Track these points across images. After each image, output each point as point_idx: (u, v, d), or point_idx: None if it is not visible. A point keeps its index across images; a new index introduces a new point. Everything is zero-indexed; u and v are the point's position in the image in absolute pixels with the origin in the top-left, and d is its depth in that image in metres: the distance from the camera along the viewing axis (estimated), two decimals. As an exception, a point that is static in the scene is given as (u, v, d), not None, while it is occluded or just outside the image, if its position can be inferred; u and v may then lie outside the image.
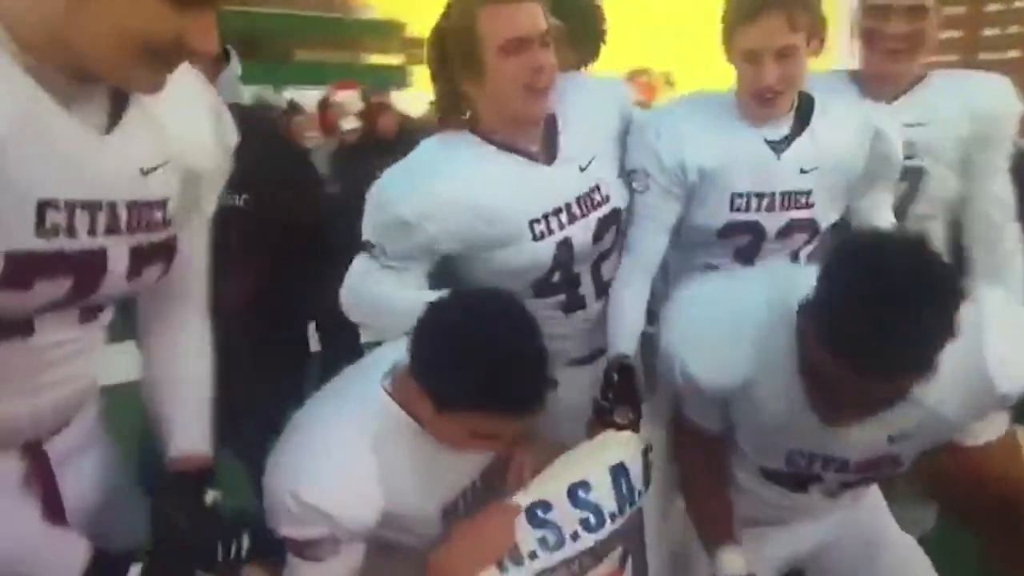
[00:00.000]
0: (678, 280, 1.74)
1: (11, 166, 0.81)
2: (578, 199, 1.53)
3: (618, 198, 1.59)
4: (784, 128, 1.61)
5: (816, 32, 1.52)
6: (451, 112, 1.51)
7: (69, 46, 0.81)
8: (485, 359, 1.09)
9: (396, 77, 21.50)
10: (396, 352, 1.23)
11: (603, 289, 1.66)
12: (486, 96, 1.44)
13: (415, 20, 22.80)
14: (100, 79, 0.88)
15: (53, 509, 1.08)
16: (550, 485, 1.42)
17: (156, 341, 1.19)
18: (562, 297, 1.61)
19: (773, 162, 1.60)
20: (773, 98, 1.54)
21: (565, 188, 1.52)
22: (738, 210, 1.64)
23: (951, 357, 1.07)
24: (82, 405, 1.14)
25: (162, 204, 1.01)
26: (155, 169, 0.98)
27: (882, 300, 0.99)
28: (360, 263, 1.52)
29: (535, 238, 1.48)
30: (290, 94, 7.56)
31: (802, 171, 1.61)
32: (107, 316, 1.12)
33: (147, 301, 1.16)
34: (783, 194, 1.63)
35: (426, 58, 1.50)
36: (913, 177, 1.79)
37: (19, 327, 0.94)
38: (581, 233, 1.53)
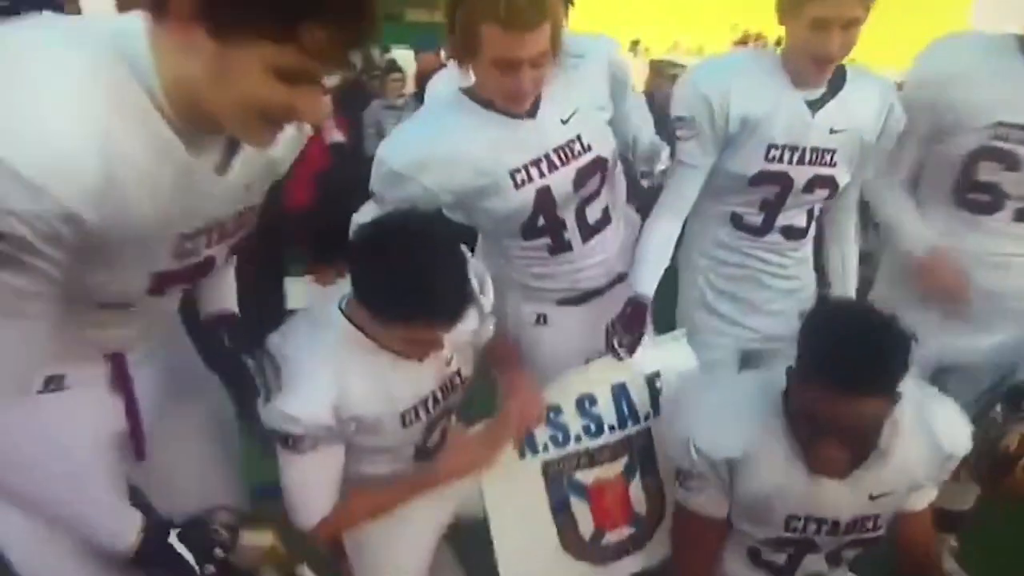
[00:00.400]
0: (702, 222, 1.92)
1: (154, 203, 0.94)
2: (556, 149, 1.62)
3: (603, 147, 1.68)
4: (820, 91, 1.73)
5: (869, 5, 1.59)
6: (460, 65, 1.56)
7: (204, 108, 0.91)
8: (405, 275, 1.20)
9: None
10: None
11: (589, 232, 1.74)
12: (478, 76, 1.55)
13: None
14: (223, 132, 0.98)
15: (131, 408, 1.26)
16: (563, 394, 1.67)
17: None
18: (547, 240, 1.71)
19: (808, 119, 1.73)
20: (832, 63, 1.67)
21: (544, 140, 1.60)
22: (772, 160, 1.76)
23: (906, 419, 1.35)
24: (164, 326, 1.34)
25: (254, 209, 1.19)
26: (254, 183, 1.15)
27: (852, 332, 1.24)
28: (367, 208, 1.65)
29: (516, 186, 1.59)
30: (401, 54, 7.75)
31: (832, 131, 1.75)
32: None
33: None
34: (812, 150, 1.76)
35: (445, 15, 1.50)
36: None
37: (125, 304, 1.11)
38: (560, 181, 1.62)
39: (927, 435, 1.40)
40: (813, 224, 2.00)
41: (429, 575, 1.65)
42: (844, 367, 1.22)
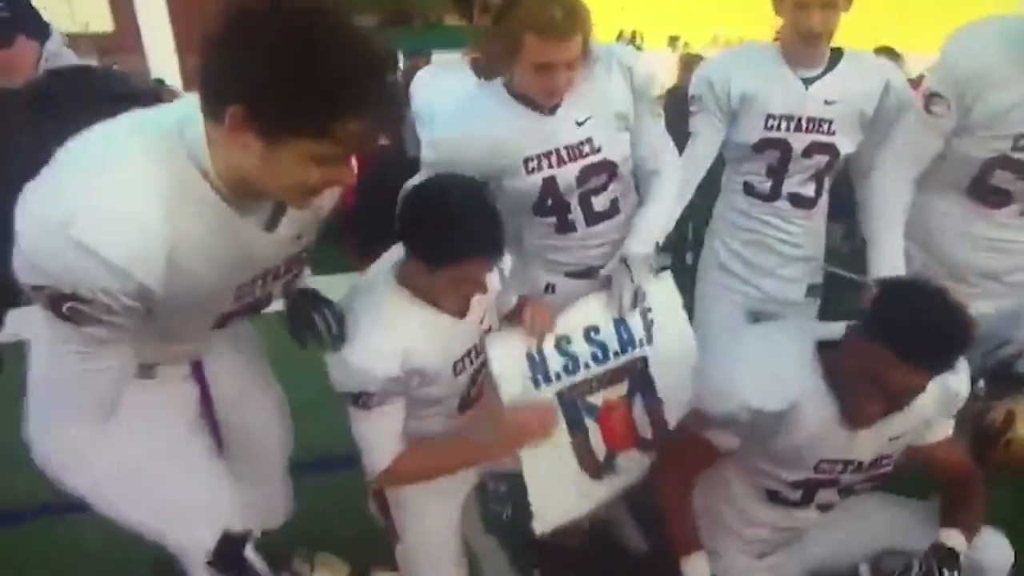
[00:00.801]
0: (723, 192, 2.27)
1: (213, 269, 1.18)
2: (567, 147, 1.88)
3: (613, 152, 1.92)
4: (817, 71, 2.06)
5: None
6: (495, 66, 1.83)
7: (256, 185, 1.12)
8: (452, 216, 1.44)
9: None
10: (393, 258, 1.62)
11: (594, 218, 2.00)
12: (516, 74, 1.79)
13: None
14: (271, 199, 1.25)
15: (206, 399, 1.57)
16: (571, 326, 1.90)
17: None
18: (554, 219, 1.99)
19: (802, 92, 2.07)
20: (816, 40, 1.98)
21: (558, 137, 1.86)
22: (771, 128, 2.10)
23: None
24: (232, 334, 1.60)
25: (305, 250, 1.45)
26: (301, 236, 1.39)
27: (932, 313, 1.36)
28: (418, 175, 1.88)
29: (527, 172, 1.87)
30: (440, 58, 8.65)
31: (826, 102, 2.06)
32: None
33: None
34: (809, 119, 2.08)
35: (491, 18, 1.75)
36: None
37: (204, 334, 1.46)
38: (565, 174, 1.89)
39: (939, 382, 1.52)
40: (823, 197, 2.21)
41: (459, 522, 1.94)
42: (917, 342, 1.37)
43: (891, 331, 1.39)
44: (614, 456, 1.98)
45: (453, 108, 1.94)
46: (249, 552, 1.36)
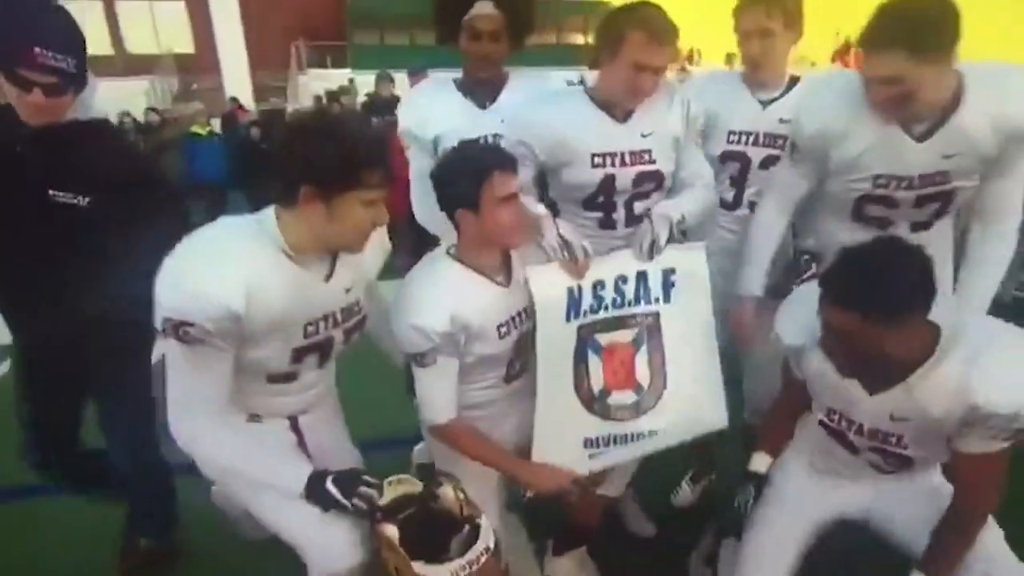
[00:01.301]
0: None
1: (283, 306, 1.60)
2: (630, 152, 2.06)
3: (664, 163, 2.10)
4: (775, 94, 2.24)
5: (791, 23, 2.14)
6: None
7: (326, 240, 1.64)
8: (463, 149, 1.87)
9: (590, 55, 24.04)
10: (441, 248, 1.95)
11: (632, 220, 2.15)
12: (607, 74, 1.98)
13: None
14: (328, 253, 1.70)
15: (301, 446, 1.92)
16: (607, 272, 2.03)
17: None
18: (599, 215, 2.15)
19: (760, 111, 2.26)
20: (759, 65, 2.19)
21: (624, 142, 2.05)
22: (732, 143, 2.30)
23: (949, 365, 1.45)
24: (321, 400, 1.99)
25: (357, 302, 1.82)
26: (352, 288, 1.79)
27: (853, 256, 1.44)
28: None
29: (592, 166, 2.05)
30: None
31: (781, 120, 2.21)
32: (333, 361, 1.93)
33: None
34: (766, 135, 2.26)
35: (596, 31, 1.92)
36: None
37: (289, 377, 1.80)
38: (623, 175, 2.06)
39: (963, 383, 1.45)
40: None
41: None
42: (834, 279, 1.47)
43: (822, 277, 1.51)
44: (608, 394, 2.08)
45: (542, 102, 2.13)
46: (329, 484, 1.69)
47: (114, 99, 11.45)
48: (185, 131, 7.98)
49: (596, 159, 2.08)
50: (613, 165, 2.08)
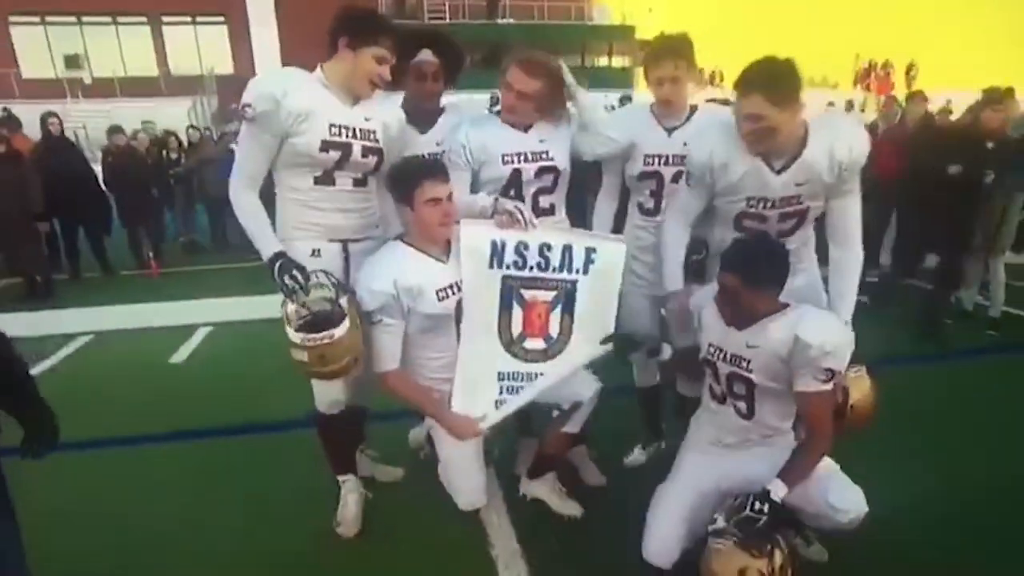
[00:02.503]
0: (629, 213, 2.91)
1: (314, 105, 2.29)
2: (531, 152, 2.66)
3: (561, 161, 2.71)
4: (679, 122, 2.72)
5: (693, 70, 2.66)
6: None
7: (350, 80, 2.36)
8: (406, 162, 2.48)
9: (620, 79, 23.44)
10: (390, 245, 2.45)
11: (541, 212, 2.69)
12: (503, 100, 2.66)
13: (643, 24, 24.90)
14: (356, 92, 2.37)
15: (347, 276, 2.50)
16: (532, 237, 2.50)
17: None
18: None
19: (666, 138, 2.73)
20: (668, 104, 2.67)
21: (526, 145, 2.66)
22: (648, 164, 2.76)
23: (786, 317, 2.14)
24: (366, 231, 2.57)
25: (374, 132, 2.46)
26: (370, 119, 2.45)
27: (740, 242, 2.24)
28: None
29: (503, 163, 2.64)
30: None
31: (684, 144, 2.63)
32: (373, 185, 2.54)
33: None
34: (673, 156, 2.72)
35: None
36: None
37: (328, 178, 2.41)
38: (527, 169, 2.65)
39: (792, 327, 2.12)
40: None
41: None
42: (726, 255, 2.20)
43: (724, 255, 2.22)
44: (524, 338, 2.57)
45: (468, 123, 2.74)
46: (277, 262, 2.32)
47: (159, 118, 12.31)
48: (225, 148, 8.52)
49: (505, 158, 2.66)
50: (518, 162, 2.67)
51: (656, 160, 2.77)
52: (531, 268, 2.53)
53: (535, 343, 2.58)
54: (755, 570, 2.01)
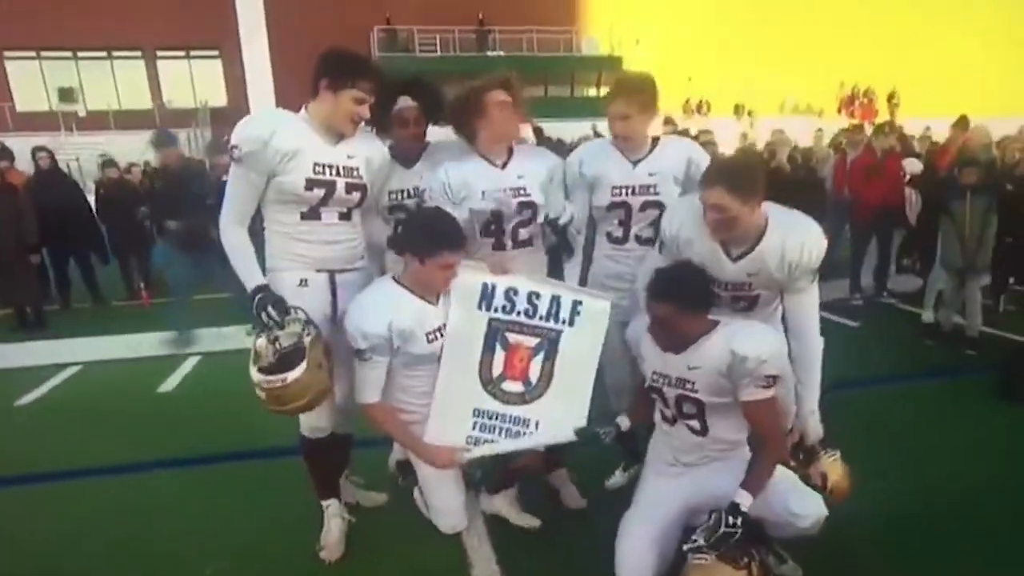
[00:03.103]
0: (596, 244, 3.00)
1: (299, 146, 2.37)
2: (511, 188, 2.73)
3: (537, 196, 2.78)
4: (642, 154, 2.87)
5: (645, 108, 2.78)
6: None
7: (331, 120, 2.45)
8: (438, 224, 2.42)
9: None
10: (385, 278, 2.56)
11: (519, 243, 2.81)
12: (480, 139, 2.76)
13: (632, 55, 25.01)
14: (338, 131, 2.47)
15: (334, 306, 2.58)
16: (523, 284, 2.59)
17: None
18: (493, 240, 2.79)
19: (631, 169, 2.86)
20: (624, 139, 2.82)
21: (504, 182, 2.73)
22: (616, 195, 2.87)
23: (719, 335, 2.27)
24: (351, 262, 2.63)
25: (357, 169, 2.53)
26: (354, 157, 2.52)
27: (663, 271, 2.32)
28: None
29: (482, 199, 2.70)
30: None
31: (649, 174, 2.85)
32: (357, 218, 2.61)
33: None
34: (640, 186, 2.86)
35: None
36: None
37: (314, 214, 2.48)
38: (507, 204, 2.72)
39: (726, 343, 2.25)
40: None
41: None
42: (651, 286, 2.30)
43: (651, 286, 2.31)
44: (503, 379, 2.62)
45: (450, 161, 2.81)
46: (258, 296, 2.38)
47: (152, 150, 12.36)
48: (218, 179, 8.52)
49: (486, 195, 2.72)
50: (627, 194, 2.85)
51: (624, 191, 2.88)
52: (518, 313, 2.61)
53: (514, 386, 2.63)
54: None
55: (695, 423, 2.42)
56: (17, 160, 7.96)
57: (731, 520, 2.15)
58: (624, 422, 2.67)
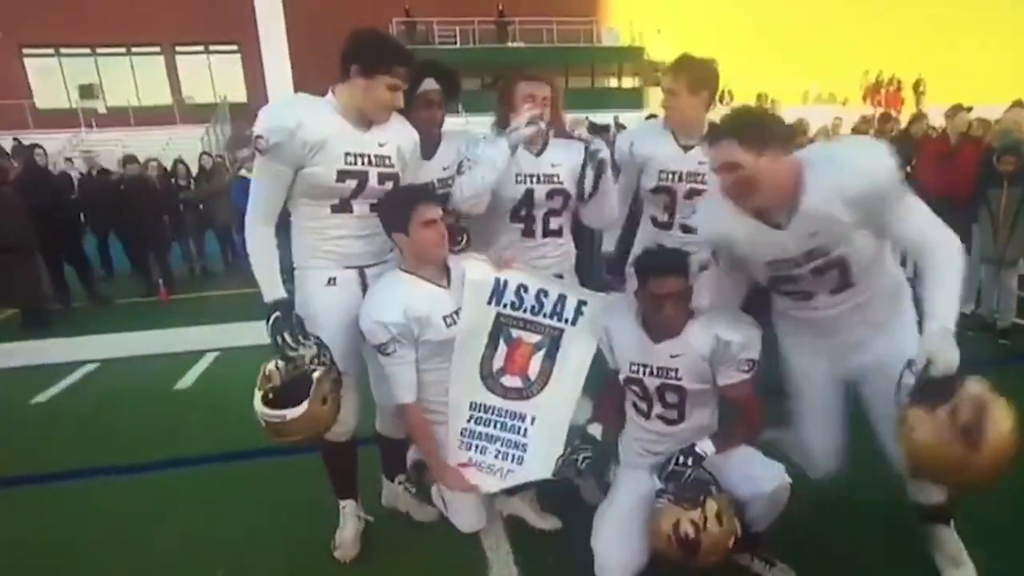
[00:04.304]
0: (642, 224, 3.00)
1: (329, 134, 2.22)
2: (542, 174, 2.68)
3: (568, 184, 2.70)
4: (694, 140, 2.77)
5: (697, 90, 2.74)
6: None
7: (363, 107, 2.27)
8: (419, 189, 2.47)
9: (631, 100, 23.19)
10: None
11: (549, 232, 2.75)
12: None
13: (653, 45, 24.91)
14: (369, 118, 2.30)
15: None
16: (533, 281, 2.58)
17: None
18: (522, 225, 2.73)
19: (682, 155, 2.81)
20: (670, 117, 2.80)
21: (537, 168, 2.68)
22: (663, 180, 2.85)
23: (700, 322, 2.27)
24: (384, 251, 2.49)
25: (389, 158, 2.40)
26: (385, 145, 2.38)
27: (649, 250, 2.40)
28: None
29: (516, 183, 2.65)
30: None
31: (700, 162, 2.72)
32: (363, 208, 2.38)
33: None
34: (688, 173, 2.81)
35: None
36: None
37: (345, 206, 2.34)
38: (539, 190, 2.68)
39: (705, 327, 2.27)
40: None
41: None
42: (639, 263, 2.32)
43: (635, 264, 2.40)
44: (502, 374, 2.62)
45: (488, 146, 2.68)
46: (274, 312, 2.27)
47: (173, 145, 12.38)
48: (236, 173, 8.52)
49: (519, 178, 2.67)
50: (529, 183, 2.69)
51: (670, 176, 2.85)
52: (525, 310, 2.60)
53: (513, 381, 2.62)
54: (687, 520, 2.11)
55: (672, 413, 2.41)
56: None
57: (682, 459, 2.27)
58: (596, 429, 2.52)
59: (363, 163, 2.34)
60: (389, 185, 2.42)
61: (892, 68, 25.72)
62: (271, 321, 2.25)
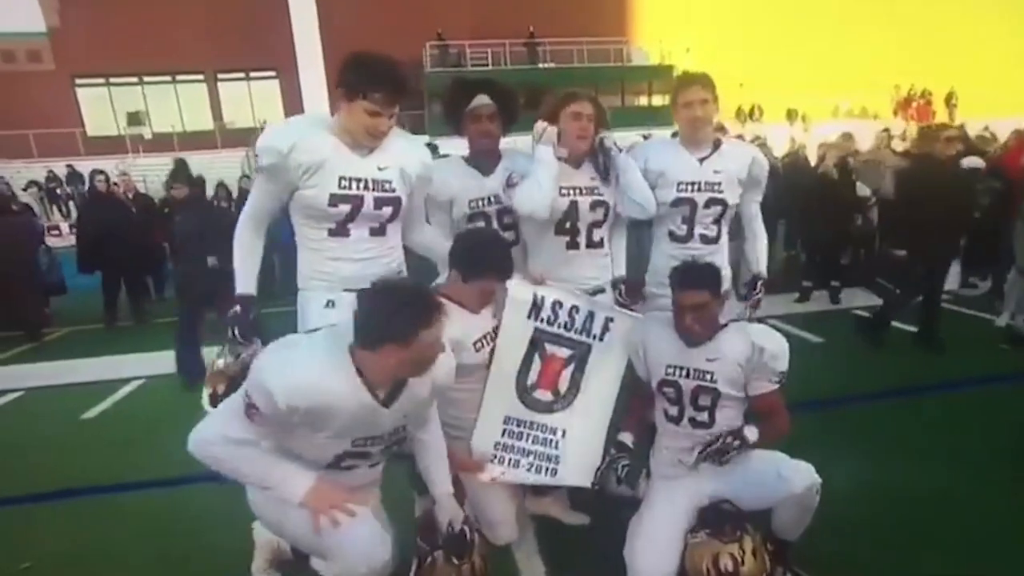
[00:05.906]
0: (655, 242, 3.02)
1: (327, 156, 2.23)
2: (585, 187, 2.75)
3: (608, 196, 2.77)
4: (706, 152, 2.89)
5: (716, 100, 2.82)
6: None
7: (346, 128, 2.26)
8: (488, 247, 2.38)
9: (661, 117, 22.17)
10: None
11: (592, 244, 2.81)
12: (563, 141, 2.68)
13: (682, 63, 24.06)
14: (357, 139, 2.27)
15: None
16: (567, 298, 2.65)
17: None
18: (567, 238, 2.77)
19: (697, 166, 2.88)
20: (699, 126, 2.84)
21: (580, 180, 2.74)
22: (682, 190, 2.87)
23: (731, 329, 2.42)
24: (388, 275, 2.30)
25: (390, 182, 2.36)
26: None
27: (683, 265, 2.42)
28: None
29: (561, 195, 2.68)
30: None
31: (715, 172, 2.87)
32: (393, 233, 2.46)
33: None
34: (705, 183, 2.87)
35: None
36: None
37: (342, 230, 2.33)
38: (582, 202, 2.73)
39: (745, 338, 2.38)
40: (723, 236, 2.99)
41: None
42: (676, 278, 2.41)
43: (670, 276, 2.48)
44: (536, 388, 2.67)
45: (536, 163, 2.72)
46: (231, 314, 2.41)
47: (215, 169, 12.67)
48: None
49: (563, 191, 2.71)
50: (574, 195, 2.74)
51: (690, 187, 2.87)
52: (559, 326, 2.66)
53: (544, 395, 2.68)
54: (727, 554, 2.17)
55: (703, 415, 2.46)
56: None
57: (729, 439, 2.33)
58: (627, 438, 2.62)
59: (358, 187, 2.33)
60: (387, 210, 2.41)
61: (922, 82, 25.39)
62: (229, 314, 2.39)
